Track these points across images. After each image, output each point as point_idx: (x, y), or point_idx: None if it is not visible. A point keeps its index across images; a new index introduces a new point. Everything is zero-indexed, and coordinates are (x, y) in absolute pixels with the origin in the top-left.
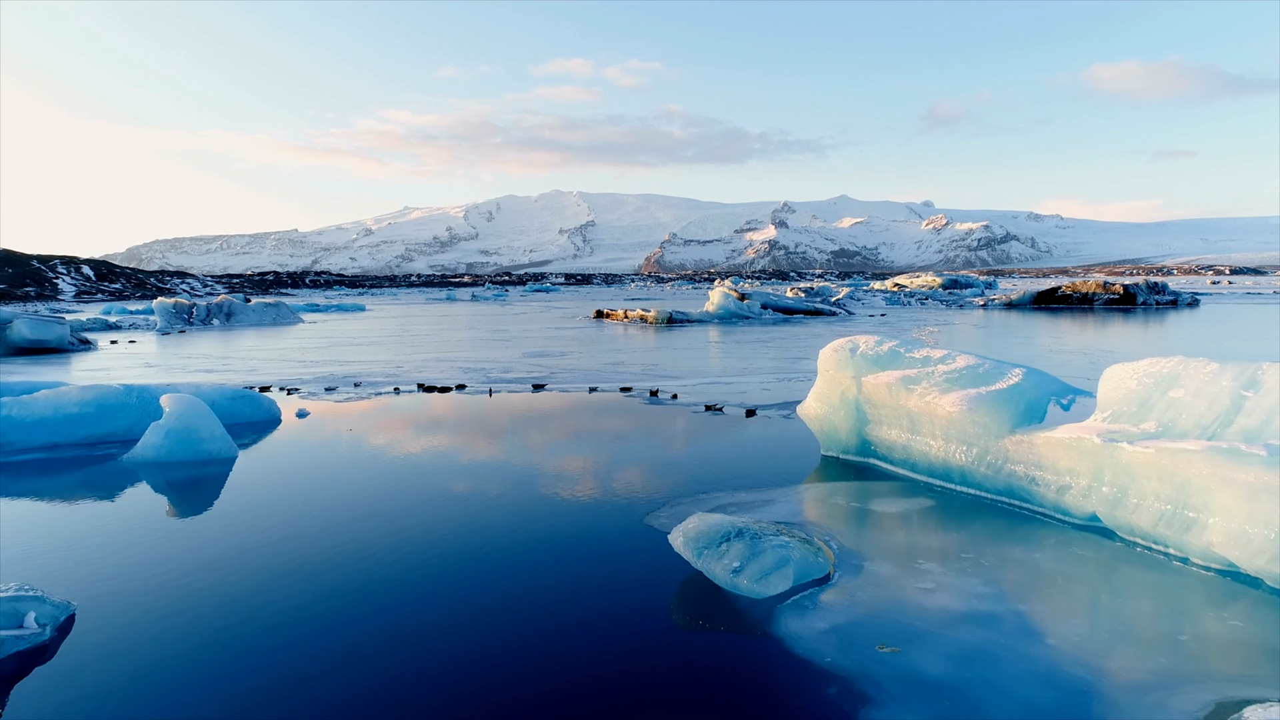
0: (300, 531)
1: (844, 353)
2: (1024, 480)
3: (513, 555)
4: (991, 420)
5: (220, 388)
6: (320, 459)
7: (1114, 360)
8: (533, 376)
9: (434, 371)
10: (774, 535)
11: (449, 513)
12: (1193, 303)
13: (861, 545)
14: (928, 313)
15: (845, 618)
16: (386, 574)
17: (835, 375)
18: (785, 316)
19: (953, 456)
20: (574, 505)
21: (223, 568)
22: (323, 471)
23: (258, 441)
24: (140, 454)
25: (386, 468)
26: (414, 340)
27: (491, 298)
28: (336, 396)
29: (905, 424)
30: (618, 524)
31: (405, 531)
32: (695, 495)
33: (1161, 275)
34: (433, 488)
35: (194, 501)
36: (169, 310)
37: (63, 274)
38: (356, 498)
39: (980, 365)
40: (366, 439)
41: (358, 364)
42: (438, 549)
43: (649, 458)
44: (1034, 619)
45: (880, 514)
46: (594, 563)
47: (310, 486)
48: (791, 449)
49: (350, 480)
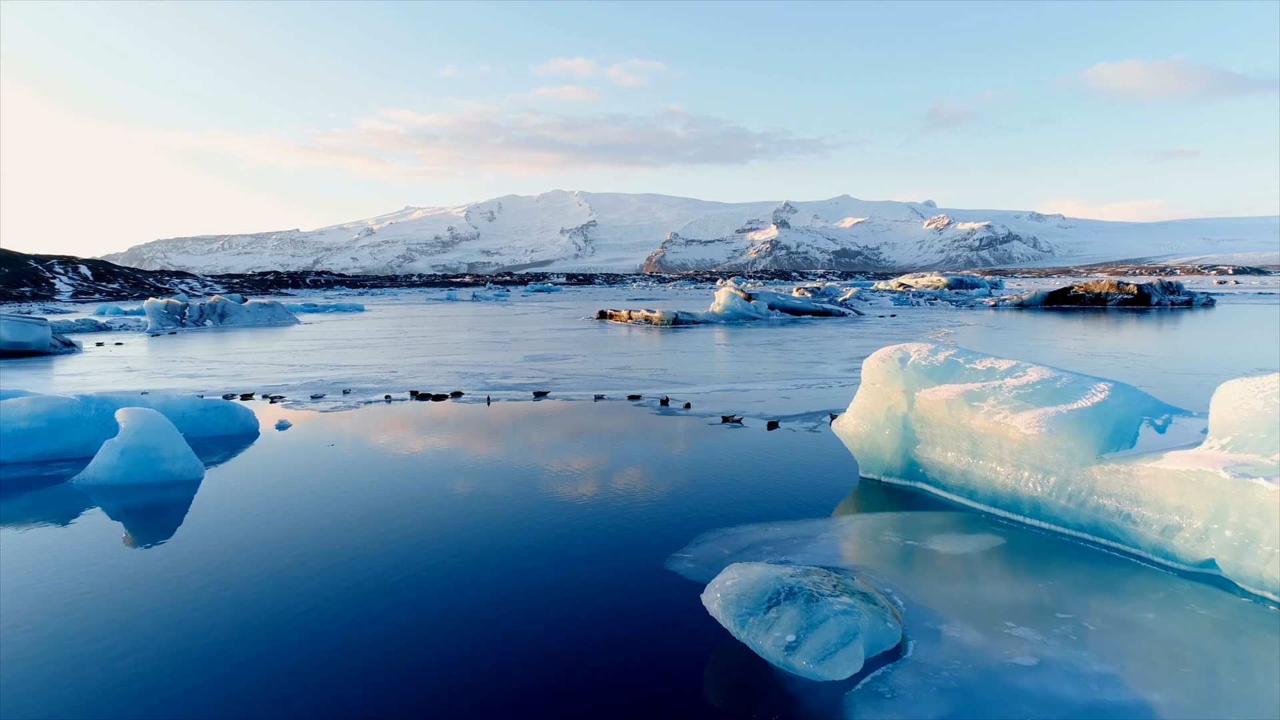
0: (263, 573)
1: (892, 364)
2: (1115, 516)
3: (508, 612)
4: (1075, 445)
5: (192, 398)
6: (295, 481)
7: (1151, 364)
8: (534, 382)
9: (429, 376)
10: (833, 595)
11: (436, 547)
12: (1208, 303)
13: (932, 599)
14: (938, 313)
15: (935, 714)
16: (361, 628)
17: (883, 390)
18: (793, 317)
19: (1024, 485)
20: (583, 545)
21: (170, 616)
22: (296, 496)
23: (229, 459)
24: (92, 476)
25: (368, 491)
26: (411, 342)
27: (492, 298)
28: (323, 405)
29: (965, 446)
30: (635, 571)
31: (386, 573)
32: (722, 529)
33: (1165, 275)
34: (419, 516)
35: (148, 531)
36: (160, 311)
37: (60, 274)
38: (332, 529)
39: (1056, 379)
40: (349, 456)
41: (350, 368)
42: (421, 597)
43: (665, 481)
44: (1177, 712)
45: (945, 555)
46: (608, 629)
47: (280, 515)
48: (824, 469)
49: (327, 507)
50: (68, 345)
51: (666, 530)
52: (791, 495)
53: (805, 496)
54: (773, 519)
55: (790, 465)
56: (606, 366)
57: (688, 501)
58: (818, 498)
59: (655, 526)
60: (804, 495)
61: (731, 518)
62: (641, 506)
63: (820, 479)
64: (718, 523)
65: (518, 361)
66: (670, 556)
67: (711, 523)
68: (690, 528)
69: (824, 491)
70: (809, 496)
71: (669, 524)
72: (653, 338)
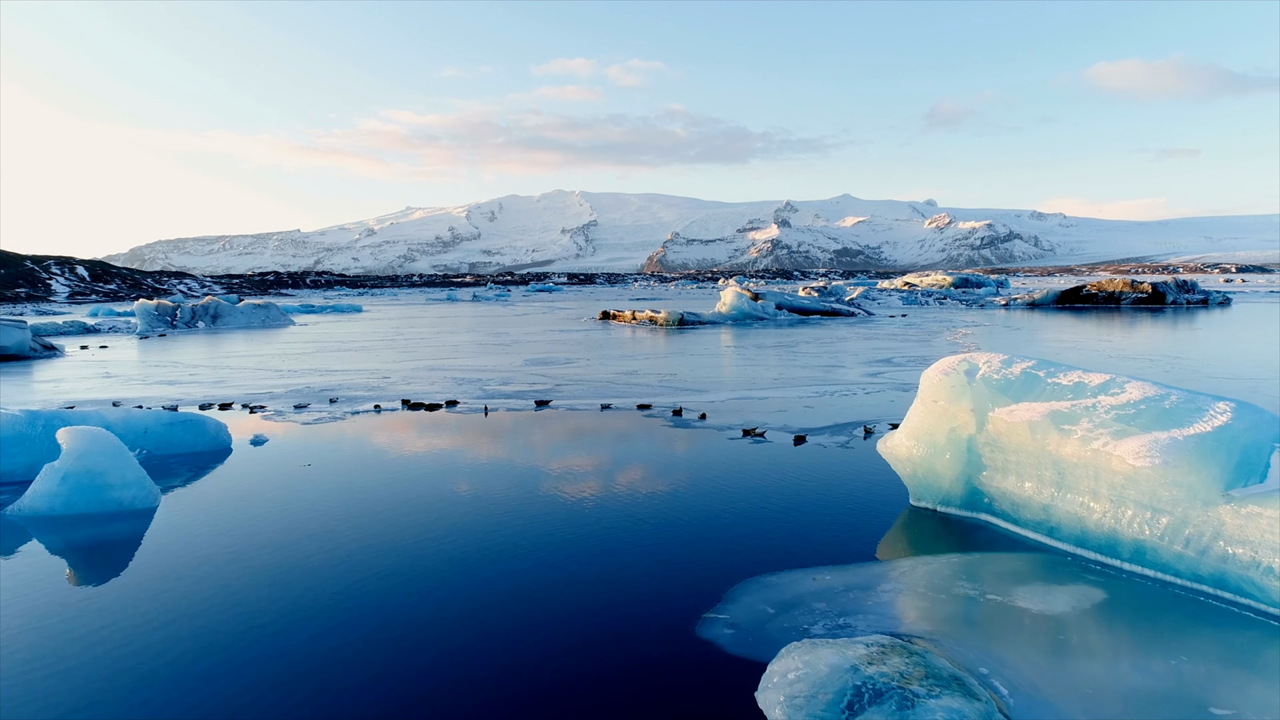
0: (210, 630)
1: (958, 377)
2: (1251, 569)
3: (499, 697)
4: (1197, 479)
5: (156, 412)
6: (262, 512)
7: (1193, 367)
8: (535, 390)
9: (424, 383)
10: (928, 691)
11: (419, 604)
12: (1224, 302)
13: (1041, 683)
14: (949, 313)
15: None
16: (332, 694)
17: (946, 408)
18: (801, 318)
19: (1126, 525)
20: (595, 602)
21: (99, 679)
22: (260, 534)
23: (192, 481)
24: (29, 505)
25: (346, 521)
26: (407, 345)
27: (493, 298)
28: (306, 416)
29: (1049, 476)
30: (661, 640)
31: (363, 622)
32: (760, 577)
33: (1168, 273)
34: (400, 554)
35: (86, 572)
36: (151, 313)
37: (57, 275)
38: (301, 564)
39: (1164, 397)
40: (326, 479)
41: (341, 374)
42: (402, 666)
43: (688, 512)
44: None
45: (1040, 615)
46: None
47: (239, 557)
48: (866, 495)
49: (299, 539)
50: (49, 349)
51: (694, 579)
52: (834, 528)
53: (850, 530)
54: (818, 561)
55: (827, 490)
56: (612, 371)
57: (716, 539)
58: (865, 531)
59: (680, 575)
60: (849, 528)
61: (769, 559)
62: (662, 547)
63: (864, 507)
64: (754, 566)
65: (518, 366)
66: (702, 618)
67: (747, 567)
68: (722, 575)
69: (871, 523)
70: (855, 530)
71: (697, 571)
72: (659, 340)
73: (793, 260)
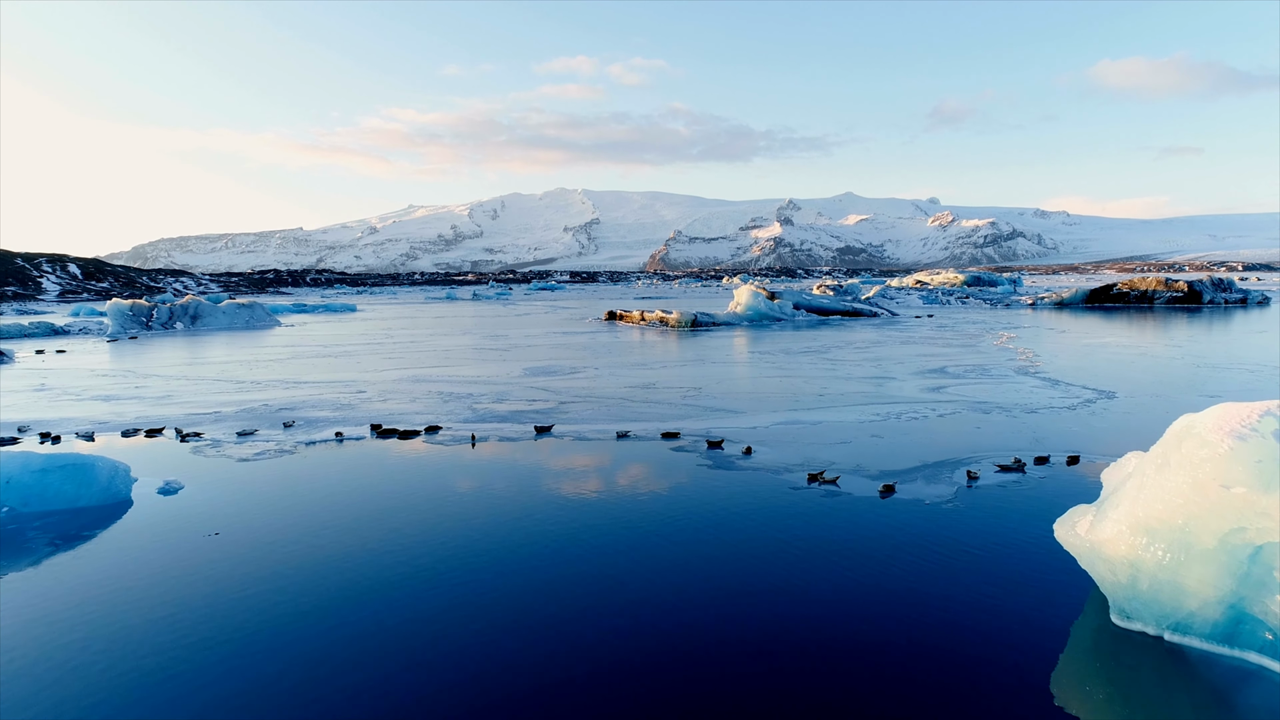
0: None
1: (1260, 446)
2: None
3: None
4: None
5: (26, 455)
6: (140, 605)
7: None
8: (534, 409)
9: (402, 400)
10: None
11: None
12: (1263, 301)
13: None
14: (975, 313)
15: None
16: None
17: (1245, 499)
18: (820, 318)
19: None
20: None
21: None
22: (129, 640)
23: (50, 556)
24: None
25: (253, 627)
26: (394, 350)
27: (494, 297)
28: (247, 447)
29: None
30: None
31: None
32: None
33: (1173, 272)
34: (325, 683)
35: None
36: (124, 313)
37: (48, 272)
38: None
39: None
40: (238, 553)
41: (309, 386)
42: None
43: (751, 615)
44: None
45: None
46: None
47: (89, 683)
48: (1025, 596)
49: (163, 675)
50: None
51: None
52: (987, 668)
53: (1029, 675)
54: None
55: (959, 588)
56: (625, 384)
57: (807, 677)
58: (1040, 674)
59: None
60: (1008, 668)
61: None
62: (728, 690)
63: (1031, 624)
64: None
65: (515, 376)
66: None
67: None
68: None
69: (1045, 656)
70: (1034, 673)
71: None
72: (672, 343)
73: (795, 258)
